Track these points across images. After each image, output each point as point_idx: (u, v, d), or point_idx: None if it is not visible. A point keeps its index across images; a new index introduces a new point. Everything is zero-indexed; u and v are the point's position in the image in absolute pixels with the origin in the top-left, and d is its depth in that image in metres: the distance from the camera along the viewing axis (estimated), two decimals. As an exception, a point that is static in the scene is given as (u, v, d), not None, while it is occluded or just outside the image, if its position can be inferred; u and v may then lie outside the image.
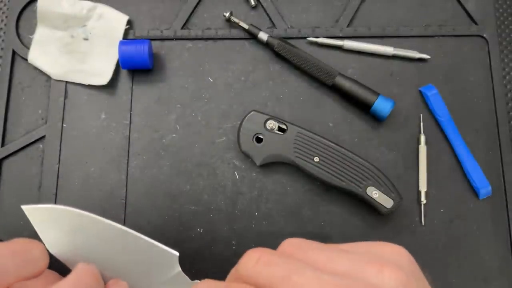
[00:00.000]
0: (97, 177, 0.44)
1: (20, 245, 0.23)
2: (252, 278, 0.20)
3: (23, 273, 0.22)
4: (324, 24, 0.47)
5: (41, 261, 0.23)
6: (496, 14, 0.47)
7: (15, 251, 0.22)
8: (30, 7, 0.48)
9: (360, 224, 0.42)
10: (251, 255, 0.20)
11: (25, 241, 0.23)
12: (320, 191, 0.43)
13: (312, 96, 0.45)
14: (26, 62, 0.46)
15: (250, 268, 0.20)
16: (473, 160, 0.43)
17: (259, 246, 0.22)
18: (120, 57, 0.43)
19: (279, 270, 0.19)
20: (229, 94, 0.45)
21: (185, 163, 0.44)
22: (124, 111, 0.45)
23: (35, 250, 0.23)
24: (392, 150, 0.44)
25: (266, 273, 0.19)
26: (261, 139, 0.42)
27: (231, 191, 0.43)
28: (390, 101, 0.43)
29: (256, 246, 0.21)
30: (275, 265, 0.19)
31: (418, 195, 0.43)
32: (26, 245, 0.23)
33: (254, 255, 0.20)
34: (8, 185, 0.44)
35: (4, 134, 0.45)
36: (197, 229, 0.42)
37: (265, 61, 0.46)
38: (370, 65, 0.46)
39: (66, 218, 0.28)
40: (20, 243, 0.23)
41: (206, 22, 0.47)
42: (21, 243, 0.23)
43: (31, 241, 0.24)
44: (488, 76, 0.45)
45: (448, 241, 0.42)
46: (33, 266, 0.23)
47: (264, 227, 0.42)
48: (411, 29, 0.46)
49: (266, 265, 0.20)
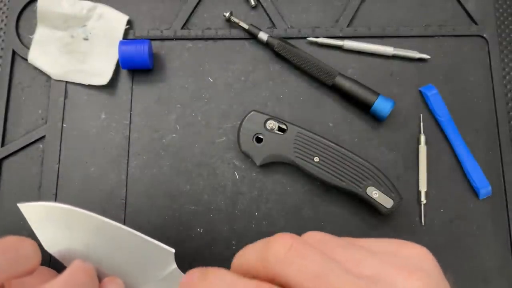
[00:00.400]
0: (97, 177, 0.44)
1: (11, 242, 0.23)
2: (282, 267, 0.18)
3: (15, 271, 0.22)
4: (324, 24, 0.47)
5: (33, 258, 0.23)
6: (496, 14, 0.47)
7: (6, 249, 0.22)
8: (30, 7, 0.48)
9: (360, 224, 0.42)
10: (283, 240, 0.19)
11: (16, 238, 0.23)
12: (320, 191, 0.43)
13: (312, 96, 0.45)
14: (26, 62, 0.46)
15: (282, 255, 0.19)
16: (473, 160, 0.43)
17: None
18: (120, 57, 0.43)
19: (313, 266, 0.18)
20: (229, 94, 0.45)
21: (185, 163, 0.44)
22: (124, 111, 0.45)
23: (26, 248, 0.23)
24: (392, 150, 0.44)
25: (298, 265, 0.18)
26: (261, 139, 0.42)
27: (231, 191, 0.43)
28: (390, 101, 0.43)
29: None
30: (309, 259, 0.18)
31: (418, 195, 0.43)
32: (17, 243, 0.23)
33: (287, 241, 0.19)
34: (8, 185, 0.44)
35: (4, 134, 0.45)
36: (197, 229, 0.42)
37: (265, 61, 0.46)
38: (370, 65, 0.46)
39: (62, 216, 0.28)
40: (11, 240, 0.23)
41: (206, 22, 0.47)
42: (12, 241, 0.23)
43: (22, 238, 0.23)
44: (488, 76, 0.45)
45: (448, 241, 0.42)
46: (25, 263, 0.23)
47: (264, 227, 0.42)
48: (411, 29, 0.46)
49: (300, 257, 0.18)
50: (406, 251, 0.20)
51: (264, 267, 0.19)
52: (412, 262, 0.20)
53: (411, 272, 0.18)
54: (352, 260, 0.19)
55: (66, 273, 0.24)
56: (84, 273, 0.24)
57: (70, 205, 0.28)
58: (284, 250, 0.19)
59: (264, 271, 0.19)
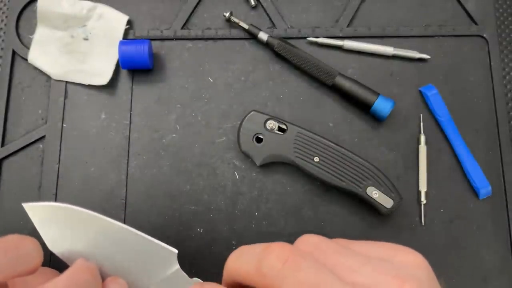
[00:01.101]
0: (97, 177, 0.44)
1: (13, 241, 0.23)
2: (277, 281, 0.19)
3: (17, 269, 0.22)
4: (324, 24, 0.47)
5: (35, 257, 0.23)
6: (496, 14, 0.47)
7: (7, 248, 0.22)
8: (30, 7, 0.48)
9: (360, 224, 0.42)
10: (279, 254, 0.19)
11: (18, 237, 0.23)
12: (320, 191, 0.43)
13: (312, 96, 0.45)
14: (26, 62, 0.46)
15: (277, 269, 0.19)
16: (473, 160, 0.43)
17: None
18: (120, 57, 0.43)
19: (308, 277, 0.18)
20: (229, 94, 0.45)
21: (185, 163, 0.44)
22: (124, 111, 0.45)
23: (28, 246, 0.23)
24: (392, 150, 0.44)
25: (294, 279, 0.19)
26: (261, 139, 0.42)
27: (231, 191, 0.43)
28: (390, 101, 0.43)
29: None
30: (304, 271, 0.19)
31: (418, 195, 0.43)
32: (19, 242, 0.23)
33: (282, 255, 0.19)
34: (8, 185, 0.44)
35: (4, 134, 0.45)
36: (197, 229, 0.42)
37: (265, 61, 0.46)
38: (370, 65, 0.46)
39: (66, 216, 0.28)
40: (12, 239, 0.23)
41: (206, 22, 0.47)
42: (14, 240, 0.23)
43: (24, 237, 0.23)
44: (488, 76, 0.45)
45: (448, 241, 0.42)
46: (27, 262, 0.23)
47: (264, 227, 0.42)
48: (411, 29, 0.46)
49: (295, 270, 0.19)
50: (401, 257, 0.21)
51: (259, 277, 0.20)
52: (406, 270, 0.20)
53: (404, 280, 0.19)
54: (346, 267, 0.19)
55: (69, 271, 0.23)
56: (87, 272, 0.24)
57: (71, 205, 0.28)
58: (280, 264, 0.19)
59: (260, 281, 0.20)
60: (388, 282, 0.19)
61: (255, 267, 0.20)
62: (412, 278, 0.19)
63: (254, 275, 0.20)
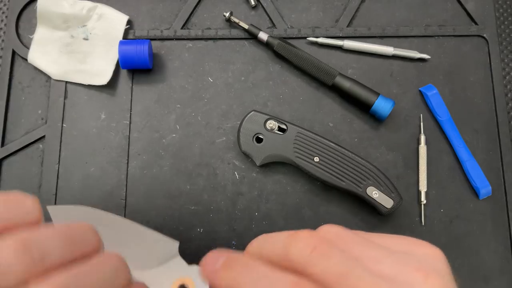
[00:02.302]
0: (97, 177, 0.44)
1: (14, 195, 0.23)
2: (307, 266, 0.19)
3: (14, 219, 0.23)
4: (324, 24, 0.47)
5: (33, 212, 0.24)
6: (496, 14, 0.47)
7: (7, 199, 0.23)
8: (30, 7, 0.48)
9: (360, 224, 0.42)
10: (307, 241, 0.20)
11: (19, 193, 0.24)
12: (320, 191, 0.43)
13: (312, 96, 0.45)
14: (26, 62, 0.46)
15: (306, 256, 0.19)
16: (473, 160, 0.43)
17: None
18: (120, 57, 0.43)
19: (336, 266, 0.19)
20: (229, 94, 0.45)
21: (185, 163, 0.44)
22: (124, 111, 0.45)
23: (28, 202, 0.24)
24: (392, 150, 0.44)
25: (322, 266, 0.19)
26: (261, 139, 0.42)
27: (231, 191, 0.43)
28: (390, 101, 0.43)
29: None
30: (333, 259, 0.19)
31: (418, 195, 0.43)
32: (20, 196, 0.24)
33: (310, 242, 0.20)
34: (8, 185, 0.44)
35: (4, 134, 0.45)
36: (197, 229, 0.42)
37: (265, 61, 0.46)
38: (370, 65, 0.46)
39: (89, 218, 0.29)
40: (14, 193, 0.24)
41: (206, 22, 0.47)
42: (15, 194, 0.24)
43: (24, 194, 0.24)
44: (488, 76, 0.45)
45: (448, 241, 0.42)
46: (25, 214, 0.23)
47: (264, 227, 0.42)
48: (411, 29, 0.46)
49: (324, 258, 0.19)
50: (421, 250, 0.21)
51: (286, 262, 0.20)
52: (427, 262, 0.20)
53: (428, 273, 0.19)
54: (371, 258, 0.20)
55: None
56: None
57: (92, 207, 0.29)
58: (309, 251, 0.19)
59: (288, 263, 0.20)
60: (413, 274, 0.19)
61: (282, 252, 0.20)
62: (434, 270, 0.19)
63: (283, 257, 0.20)
